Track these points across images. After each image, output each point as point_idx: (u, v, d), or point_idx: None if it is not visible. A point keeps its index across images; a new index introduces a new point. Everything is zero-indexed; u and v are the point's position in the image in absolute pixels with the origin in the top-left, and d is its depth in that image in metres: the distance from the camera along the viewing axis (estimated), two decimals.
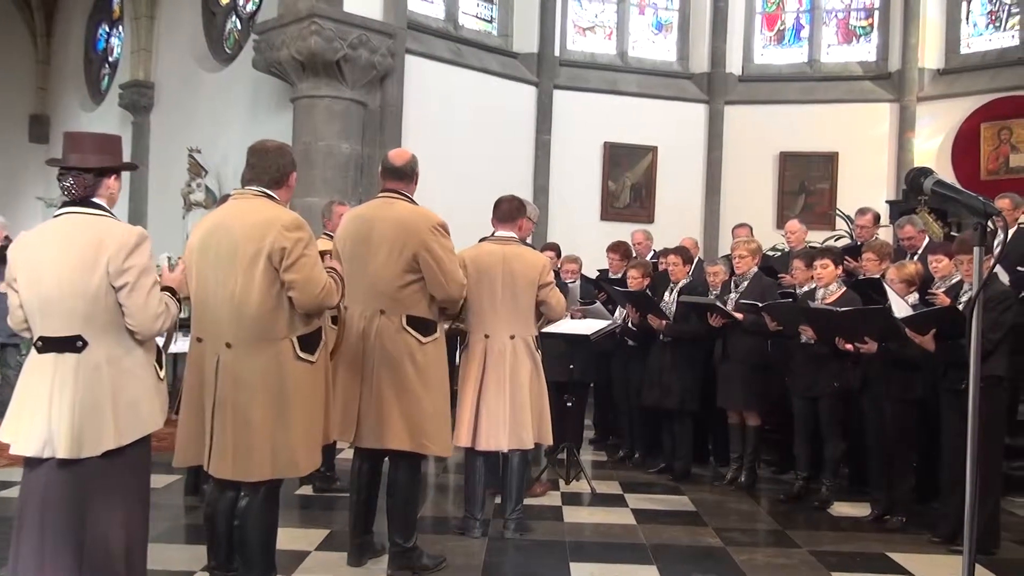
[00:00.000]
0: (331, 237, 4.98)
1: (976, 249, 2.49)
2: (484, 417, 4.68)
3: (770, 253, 9.19)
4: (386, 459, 4.26)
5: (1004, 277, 5.61)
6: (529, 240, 5.68)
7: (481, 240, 5.39)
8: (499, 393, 4.69)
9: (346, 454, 5.86)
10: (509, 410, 4.69)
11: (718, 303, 6.25)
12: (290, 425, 3.44)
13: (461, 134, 10.67)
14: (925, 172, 2.67)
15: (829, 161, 11.82)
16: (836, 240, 9.91)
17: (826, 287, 5.88)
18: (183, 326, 3.61)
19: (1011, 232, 6.25)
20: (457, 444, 4.73)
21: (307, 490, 5.79)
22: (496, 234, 4.94)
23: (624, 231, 9.12)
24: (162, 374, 3.32)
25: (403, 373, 4.05)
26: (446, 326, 4.54)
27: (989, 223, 2.46)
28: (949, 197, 2.61)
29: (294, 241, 3.41)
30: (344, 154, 9.67)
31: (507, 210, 4.92)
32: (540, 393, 4.83)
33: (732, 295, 6.39)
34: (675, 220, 11.57)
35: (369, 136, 9.96)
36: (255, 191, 3.57)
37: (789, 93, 12.15)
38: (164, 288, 3.27)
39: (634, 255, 7.97)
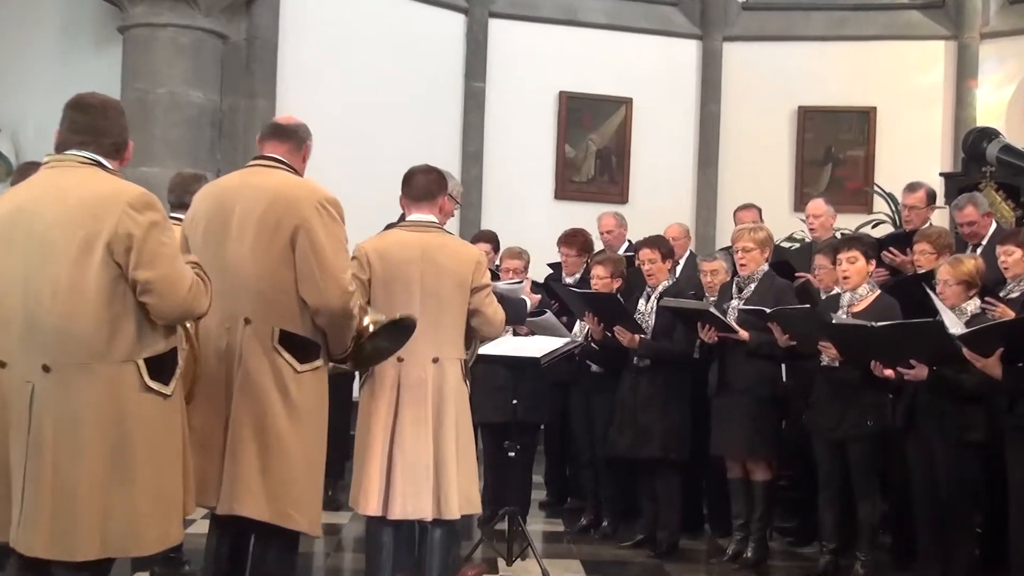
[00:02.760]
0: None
1: None
2: (400, 473, 4.66)
3: (786, 245, 9.33)
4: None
5: None
6: (452, 227, 5.69)
7: (388, 227, 5.38)
8: (420, 440, 4.67)
9: (198, 527, 5.77)
10: (433, 464, 4.68)
11: (713, 310, 6.30)
12: (133, 481, 3.43)
13: (360, 81, 10.60)
14: (989, 134, 2.75)
15: (864, 119, 12.01)
16: (873, 227, 10.07)
17: (853, 290, 5.98)
18: None
19: None
20: (363, 512, 4.72)
21: None
22: (410, 218, 4.92)
23: (588, 215, 9.15)
24: None
25: (268, 411, 4.02)
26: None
27: None
28: (1021, 168, 2.68)
29: (147, 226, 3.42)
30: (195, 105, 9.55)
31: (423, 185, 4.90)
32: (468, 443, 4.82)
33: (734, 302, 6.46)
34: (657, 200, 11.65)
35: (230, 81, 9.86)
36: (83, 158, 3.57)
37: (811, 26, 12.32)
38: None
39: (598, 248, 7.99)
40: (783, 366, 6.44)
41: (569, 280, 7.61)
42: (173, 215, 5.48)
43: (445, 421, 4.71)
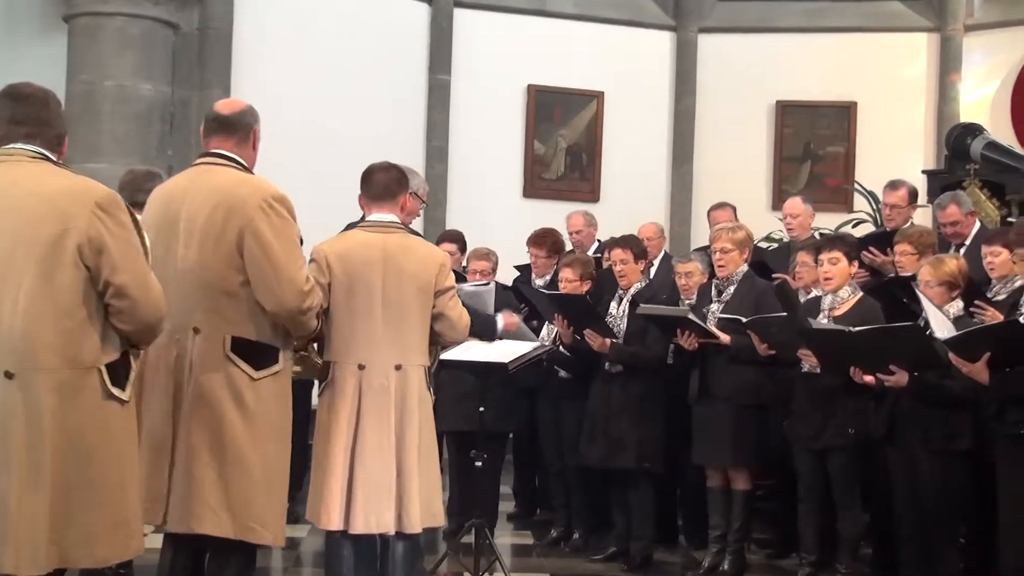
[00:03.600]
0: None
1: None
2: (362, 486, 4.65)
3: (763, 245, 9.37)
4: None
5: None
6: (416, 226, 5.68)
7: (348, 227, 5.36)
8: (383, 450, 4.66)
9: (150, 541, 5.73)
10: (396, 476, 4.68)
11: (692, 316, 6.32)
12: (96, 490, 3.45)
13: (319, 73, 10.57)
14: (973, 131, 2.76)
15: (844, 114, 12.09)
16: (854, 226, 10.14)
17: (835, 292, 6.01)
18: None
19: None
20: (323, 527, 4.71)
21: None
22: (370, 218, 4.92)
23: (558, 214, 9.17)
24: None
25: (224, 423, 4.03)
26: (295, 368, 4.51)
27: None
28: (1006, 165, 2.70)
29: (117, 227, 3.45)
30: (145, 99, 9.52)
31: (383, 183, 4.90)
32: (431, 453, 4.82)
33: (713, 306, 6.47)
34: (629, 198, 11.68)
35: (182, 73, 9.84)
36: (33, 152, 3.56)
37: (789, 17, 12.38)
38: None
39: (568, 248, 8.00)
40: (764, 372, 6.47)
41: (539, 282, 7.62)
42: None
43: (408, 430, 4.70)
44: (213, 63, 9.99)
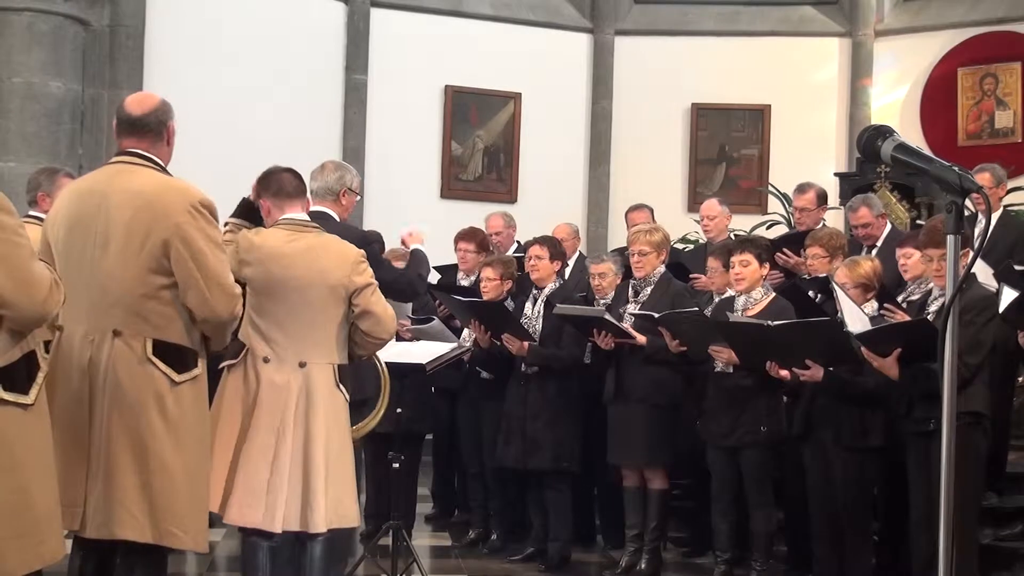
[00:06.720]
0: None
1: (950, 239, 2.62)
2: (242, 477, 4.62)
3: (679, 246, 9.45)
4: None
5: (986, 277, 5.91)
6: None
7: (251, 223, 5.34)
8: (266, 449, 4.62)
9: None
10: (301, 474, 4.65)
11: (608, 316, 6.36)
12: None
13: (233, 73, 10.48)
14: (884, 132, 2.79)
15: (758, 117, 12.24)
16: (768, 227, 10.27)
17: (747, 293, 6.09)
18: None
19: (995, 217, 6.61)
20: (229, 521, 4.68)
21: None
22: (286, 217, 4.89)
23: (475, 214, 9.17)
24: None
25: (146, 427, 3.98)
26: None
27: (967, 203, 2.60)
28: (916, 167, 2.75)
29: None
30: (55, 96, 9.40)
31: (294, 183, 4.92)
32: (341, 453, 4.78)
33: (630, 306, 6.51)
34: (547, 199, 11.70)
35: (94, 70, 9.73)
36: None
37: (705, 21, 12.52)
38: None
39: (491, 248, 8.02)
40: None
41: (464, 283, 7.61)
42: (33, 213, 5.40)
43: (313, 429, 4.66)
44: (125, 61, 9.88)
